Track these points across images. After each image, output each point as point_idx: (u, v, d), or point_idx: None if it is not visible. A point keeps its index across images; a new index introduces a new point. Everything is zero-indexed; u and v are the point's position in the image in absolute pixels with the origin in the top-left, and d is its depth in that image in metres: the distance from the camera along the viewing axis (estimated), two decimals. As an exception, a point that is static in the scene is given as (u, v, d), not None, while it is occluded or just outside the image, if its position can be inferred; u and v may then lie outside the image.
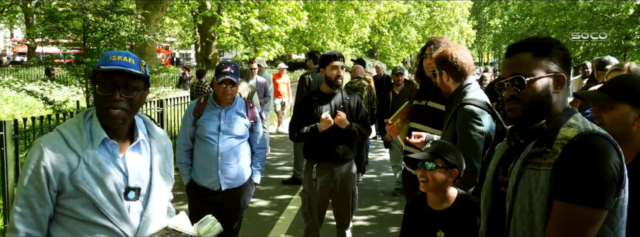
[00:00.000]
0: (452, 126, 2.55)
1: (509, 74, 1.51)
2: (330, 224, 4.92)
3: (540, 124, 1.48)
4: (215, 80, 3.28)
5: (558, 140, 1.40)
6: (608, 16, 25.43)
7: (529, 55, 1.49)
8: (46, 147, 1.57)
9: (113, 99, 1.60)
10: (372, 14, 20.53)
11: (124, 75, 1.60)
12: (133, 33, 7.49)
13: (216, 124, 3.34)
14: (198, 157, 3.40)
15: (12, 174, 4.31)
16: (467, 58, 2.66)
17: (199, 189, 3.43)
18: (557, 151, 1.38)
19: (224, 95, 3.31)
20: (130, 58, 1.63)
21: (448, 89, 2.66)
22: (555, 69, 1.49)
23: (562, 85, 1.48)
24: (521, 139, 1.53)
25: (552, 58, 1.49)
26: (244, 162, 3.46)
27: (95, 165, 1.59)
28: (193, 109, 3.40)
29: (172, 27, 34.90)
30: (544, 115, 1.49)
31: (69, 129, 1.62)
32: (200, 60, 22.59)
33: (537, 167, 1.40)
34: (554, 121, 1.46)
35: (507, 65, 1.54)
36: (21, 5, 25.02)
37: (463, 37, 32.46)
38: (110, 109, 1.60)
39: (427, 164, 2.14)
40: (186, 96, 8.29)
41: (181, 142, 3.44)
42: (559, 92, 1.49)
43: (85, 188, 1.57)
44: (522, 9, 32.85)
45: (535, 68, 1.48)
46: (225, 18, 12.97)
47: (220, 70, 3.28)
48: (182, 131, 3.48)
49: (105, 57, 1.64)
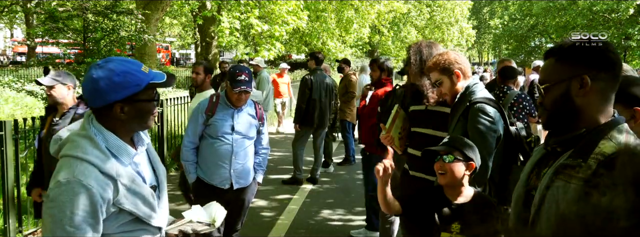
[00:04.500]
0: (461, 125, 2.55)
1: (539, 80, 1.52)
2: (331, 224, 4.93)
3: (579, 132, 1.42)
4: (230, 88, 3.29)
5: (595, 154, 1.33)
6: (608, 16, 25.43)
7: (553, 60, 1.47)
8: (91, 184, 1.49)
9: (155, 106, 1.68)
10: (372, 14, 20.53)
11: None
12: (133, 33, 7.49)
13: (229, 124, 3.36)
14: (208, 155, 3.41)
15: (12, 174, 4.31)
16: (463, 57, 2.72)
17: (206, 187, 3.44)
18: (591, 167, 1.31)
19: (239, 102, 3.36)
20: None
21: (456, 92, 2.66)
22: (578, 72, 1.40)
23: (586, 87, 1.39)
24: (558, 147, 1.48)
25: (578, 61, 1.42)
26: (251, 162, 3.54)
27: (131, 182, 1.59)
28: (206, 107, 3.39)
29: (172, 27, 34.91)
30: (575, 121, 1.43)
31: (93, 154, 1.54)
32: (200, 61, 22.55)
33: (569, 179, 1.35)
34: (595, 131, 1.40)
35: (540, 71, 1.55)
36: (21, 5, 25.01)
37: (463, 37, 32.46)
38: (153, 115, 1.67)
39: (445, 157, 2.17)
40: (186, 96, 8.29)
41: (189, 140, 3.43)
42: (585, 95, 1.40)
43: (130, 208, 1.57)
44: (522, 9, 32.87)
45: (555, 73, 1.45)
46: (224, 18, 12.97)
47: (235, 78, 3.25)
48: (191, 128, 3.44)
49: (138, 68, 1.61)
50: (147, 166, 1.75)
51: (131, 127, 1.65)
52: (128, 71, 1.57)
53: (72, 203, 1.47)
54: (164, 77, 1.65)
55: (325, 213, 5.28)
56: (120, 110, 1.59)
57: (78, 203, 1.47)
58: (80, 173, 1.49)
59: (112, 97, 1.56)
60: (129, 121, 1.62)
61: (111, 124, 1.61)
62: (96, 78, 1.55)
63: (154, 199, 1.66)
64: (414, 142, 3.00)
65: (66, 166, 1.52)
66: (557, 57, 1.46)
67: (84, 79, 1.61)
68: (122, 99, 1.57)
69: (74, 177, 1.48)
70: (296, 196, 5.88)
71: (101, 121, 1.61)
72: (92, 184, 1.48)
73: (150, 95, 1.65)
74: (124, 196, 1.55)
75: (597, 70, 1.41)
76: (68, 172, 1.50)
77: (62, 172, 1.51)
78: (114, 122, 1.61)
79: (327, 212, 5.30)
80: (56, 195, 1.48)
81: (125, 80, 1.56)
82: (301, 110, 6.32)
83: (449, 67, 2.64)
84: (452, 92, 2.67)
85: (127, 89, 1.57)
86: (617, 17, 24.95)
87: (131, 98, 1.58)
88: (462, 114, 2.55)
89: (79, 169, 1.50)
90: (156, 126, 7.17)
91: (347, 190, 6.27)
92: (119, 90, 1.56)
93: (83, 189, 1.47)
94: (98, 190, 1.49)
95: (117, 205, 1.54)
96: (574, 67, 1.42)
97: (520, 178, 1.64)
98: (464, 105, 2.56)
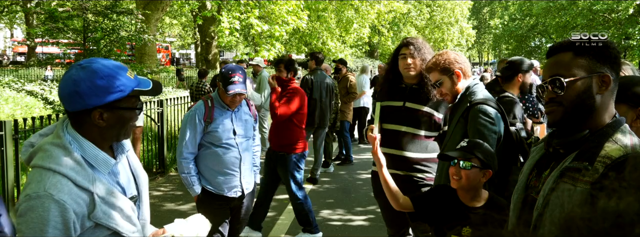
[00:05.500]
0: (462, 126, 2.54)
1: (548, 75, 1.43)
2: (331, 224, 4.93)
3: (583, 135, 1.39)
4: (223, 90, 3.07)
5: (601, 157, 1.31)
6: (608, 16, 25.43)
7: (570, 54, 1.41)
8: (63, 199, 1.36)
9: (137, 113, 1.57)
10: (372, 14, 20.53)
11: None
12: (133, 33, 7.49)
13: (231, 128, 3.17)
14: (213, 165, 3.17)
15: (12, 174, 4.31)
16: (463, 56, 2.71)
17: (215, 198, 3.22)
18: (598, 170, 1.29)
19: (233, 104, 3.16)
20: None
21: (456, 92, 2.65)
22: (598, 69, 1.38)
23: (607, 86, 1.38)
24: (561, 148, 1.44)
25: (595, 57, 1.39)
26: (252, 164, 3.41)
27: (109, 195, 1.47)
28: (203, 114, 3.11)
29: (172, 27, 34.91)
30: (587, 122, 1.40)
31: (67, 166, 1.41)
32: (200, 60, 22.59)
33: (574, 182, 1.33)
34: (599, 133, 1.37)
35: (547, 66, 1.46)
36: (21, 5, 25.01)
37: (463, 37, 32.47)
38: (134, 123, 1.57)
39: (462, 164, 2.09)
40: (186, 96, 8.29)
41: (188, 151, 3.13)
42: (603, 93, 1.38)
43: (108, 222, 1.46)
44: (522, 9, 32.88)
45: (576, 68, 1.38)
46: (224, 18, 12.97)
47: (228, 80, 3.02)
48: (188, 139, 3.12)
49: (123, 73, 1.50)
50: (127, 175, 1.63)
51: (109, 135, 1.52)
52: (113, 75, 1.46)
53: (42, 220, 1.34)
54: (149, 85, 1.55)
55: (325, 213, 5.28)
56: (100, 116, 1.46)
57: (48, 220, 1.34)
58: (51, 187, 1.37)
59: (93, 101, 1.44)
60: (108, 129, 1.50)
61: (88, 131, 1.48)
62: (77, 79, 1.43)
63: (133, 212, 1.56)
64: (386, 140, 2.92)
65: (37, 178, 1.39)
66: (576, 52, 1.40)
67: (63, 79, 1.48)
68: (103, 105, 1.45)
69: (44, 191, 1.36)
70: (296, 196, 5.87)
71: (77, 127, 1.48)
72: (64, 199, 1.36)
73: (133, 103, 1.53)
74: (100, 210, 1.43)
75: (611, 69, 1.39)
76: (38, 185, 1.37)
77: (33, 185, 1.38)
78: (91, 129, 1.48)
79: (327, 212, 5.30)
80: (25, 210, 1.36)
81: (109, 84, 1.44)
82: (301, 110, 6.32)
83: (449, 67, 2.63)
84: (453, 92, 2.66)
85: (110, 94, 1.45)
86: (617, 17, 24.96)
87: (112, 104, 1.46)
88: (462, 114, 2.55)
89: (51, 182, 1.38)
90: (156, 126, 7.18)
91: (347, 190, 6.27)
92: (101, 94, 1.44)
93: (54, 205, 1.35)
94: (71, 205, 1.37)
95: (93, 220, 1.43)
96: (595, 64, 1.39)
97: (519, 179, 1.60)
98: (465, 106, 2.55)
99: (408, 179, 2.96)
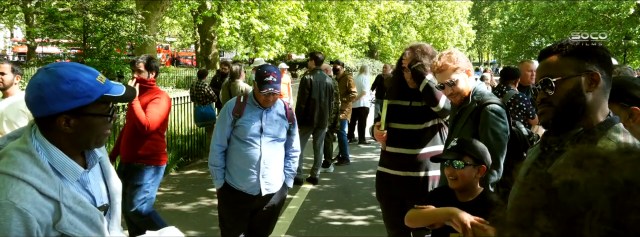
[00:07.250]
0: (471, 127, 2.57)
1: (539, 77, 1.48)
2: (331, 224, 4.92)
3: (577, 132, 1.42)
4: (257, 89, 3.14)
5: None
6: (608, 16, 25.44)
7: (558, 56, 1.45)
8: (26, 207, 1.30)
9: (110, 121, 1.49)
10: (372, 14, 20.54)
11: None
12: (133, 33, 7.50)
13: (258, 125, 3.19)
14: (236, 159, 3.23)
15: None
16: (465, 56, 2.75)
17: (234, 194, 3.25)
18: None
19: (266, 103, 3.20)
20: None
21: (466, 92, 2.66)
22: (587, 67, 1.41)
23: (597, 84, 1.40)
24: (556, 146, 1.46)
25: (582, 56, 1.42)
26: (281, 166, 3.37)
27: (76, 204, 1.40)
28: (233, 108, 3.21)
29: (172, 27, 34.92)
30: (579, 120, 1.43)
31: (33, 173, 1.34)
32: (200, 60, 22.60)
33: None
34: (593, 131, 1.40)
35: (538, 69, 1.51)
36: (21, 5, 25.01)
37: (463, 37, 32.50)
38: (107, 131, 1.50)
39: (455, 163, 2.14)
40: (186, 96, 8.29)
41: (217, 143, 3.23)
42: (593, 91, 1.41)
43: (74, 232, 1.39)
44: (522, 9, 32.88)
45: (565, 68, 1.43)
46: (224, 18, 12.98)
47: (263, 79, 3.08)
48: (219, 131, 3.24)
49: (92, 77, 1.42)
50: (99, 183, 1.57)
51: (78, 142, 1.45)
52: (79, 79, 1.38)
53: (3, 229, 1.29)
54: (122, 91, 1.47)
55: (325, 213, 5.28)
56: (66, 122, 1.39)
57: (10, 229, 1.29)
58: (14, 195, 1.30)
59: (57, 107, 1.36)
60: (76, 136, 1.42)
61: (56, 138, 1.41)
62: (41, 84, 1.37)
63: (103, 222, 1.49)
64: (393, 139, 2.99)
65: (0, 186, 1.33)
66: (562, 54, 1.44)
67: (29, 83, 1.41)
68: (68, 111, 1.38)
69: (6, 200, 1.30)
70: (296, 196, 5.87)
71: (45, 133, 1.41)
72: (27, 208, 1.30)
73: (103, 110, 1.45)
74: (66, 220, 1.36)
75: (600, 68, 1.42)
76: (0, 193, 1.31)
77: None
78: (59, 135, 1.41)
79: (327, 212, 5.30)
80: None
81: (74, 89, 1.37)
82: (301, 110, 6.32)
83: (462, 67, 2.65)
84: (464, 92, 2.66)
85: (75, 100, 1.37)
86: (617, 17, 24.96)
87: (79, 110, 1.39)
88: (471, 115, 2.57)
89: (14, 189, 1.31)
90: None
91: (347, 190, 6.27)
92: (65, 100, 1.36)
93: (16, 214, 1.29)
94: (34, 214, 1.31)
95: (59, 229, 1.36)
96: (582, 63, 1.42)
97: (515, 179, 1.64)
98: (473, 106, 2.57)
99: (415, 180, 3.01)
